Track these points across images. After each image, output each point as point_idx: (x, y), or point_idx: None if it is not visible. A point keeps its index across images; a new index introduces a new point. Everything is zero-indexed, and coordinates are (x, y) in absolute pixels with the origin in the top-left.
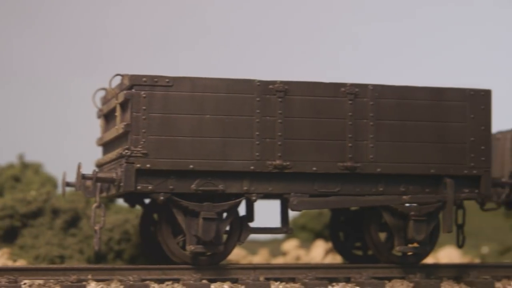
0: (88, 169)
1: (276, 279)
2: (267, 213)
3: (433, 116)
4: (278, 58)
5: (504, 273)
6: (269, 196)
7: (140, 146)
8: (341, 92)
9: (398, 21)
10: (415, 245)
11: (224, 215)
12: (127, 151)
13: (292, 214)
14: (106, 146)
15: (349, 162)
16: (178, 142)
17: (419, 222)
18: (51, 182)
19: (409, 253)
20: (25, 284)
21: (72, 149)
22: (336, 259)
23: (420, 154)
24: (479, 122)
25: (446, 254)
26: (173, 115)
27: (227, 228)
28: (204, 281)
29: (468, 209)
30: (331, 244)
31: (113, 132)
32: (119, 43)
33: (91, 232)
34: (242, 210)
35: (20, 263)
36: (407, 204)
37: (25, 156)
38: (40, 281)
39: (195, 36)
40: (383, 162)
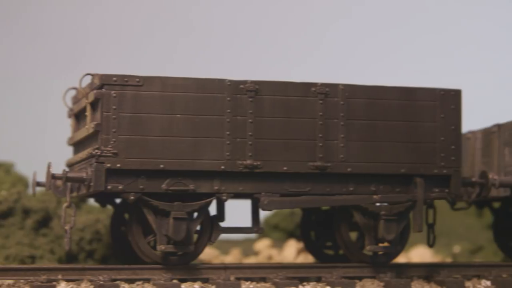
0: (60, 168)
1: (247, 279)
2: (239, 213)
3: (404, 116)
4: (250, 58)
5: (475, 272)
6: (240, 196)
7: (110, 146)
8: (312, 91)
9: (371, 21)
10: (386, 244)
11: (195, 214)
12: (97, 151)
13: (265, 213)
14: (77, 145)
15: (320, 162)
16: (149, 142)
17: (389, 222)
18: (22, 182)
19: (380, 253)
20: None
21: (44, 148)
22: (308, 258)
23: (390, 153)
24: (450, 121)
25: (418, 254)
26: (144, 114)
27: (198, 227)
28: (175, 281)
29: (440, 209)
30: (303, 244)
31: (84, 132)
32: (94, 43)
33: (62, 232)
34: (213, 209)
35: None
36: (377, 204)
37: None
38: (9, 281)
39: (175, 36)
40: (354, 162)
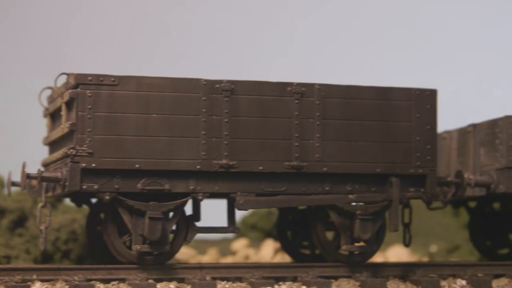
0: (36, 168)
1: (223, 279)
2: (215, 212)
3: (379, 116)
4: (228, 58)
5: (450, 271)
6: (215, 196)
7: (85, 146)
8: (288, 91)
9: (349, 21)
10: (362, 244)
11: (170, 214)
12: (72, 150)
13: (242, 213)
14: (52, 145)
15: (296, 161)
16: (124, 141)
17: (365, 221)
18: None
19: (356, 252)
20: None
21: (19, 148)
22: (285, 258)
23: (366, 153)
24: (425, 121)
25: (395, 253)
26: (119, 114)
27: (174, 227)
28: (150, 281)
29: (417, 208)
30: (279, 244)
31: (59, 131)
32: (70, 42)
33: (38, 232)
34: (189, 209)
35: None
36: (353, 203)
37: None
38: None
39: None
40: (330, 161)
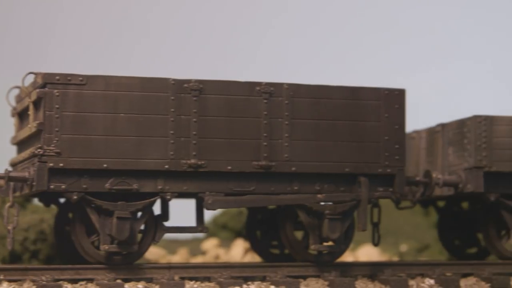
0: (3, 168)
1: (191, 278)
2: (185, 212)
3: (348, 115)
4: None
5: (419, 270)
6: (184, 195)
7: (53, 145)
8: (256, 91)
9: (316, 20)
10: (330, 243)
11: (139, 214)
12: (39, 150)
13: (213, 213)
14: (20, 144)
15: (264, 161)
16: (92, 141)
17: (333, 221)
18: None
19: (324, 252)
20: None
21: None
22: (255, 258)
23: (335, 153)
24: (394, 121)
25: (365, 253)
26: (87, 113)
27: (142, 227)
28: (118, 281)
29: (387, 207)
30: (249, 243)
31: (27, 131)
32: (39, 41)
33: (5, 232)
34: (157, 209)
35: None
36: (322, 203)
37: None
38: None
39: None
40: (298, 161)
